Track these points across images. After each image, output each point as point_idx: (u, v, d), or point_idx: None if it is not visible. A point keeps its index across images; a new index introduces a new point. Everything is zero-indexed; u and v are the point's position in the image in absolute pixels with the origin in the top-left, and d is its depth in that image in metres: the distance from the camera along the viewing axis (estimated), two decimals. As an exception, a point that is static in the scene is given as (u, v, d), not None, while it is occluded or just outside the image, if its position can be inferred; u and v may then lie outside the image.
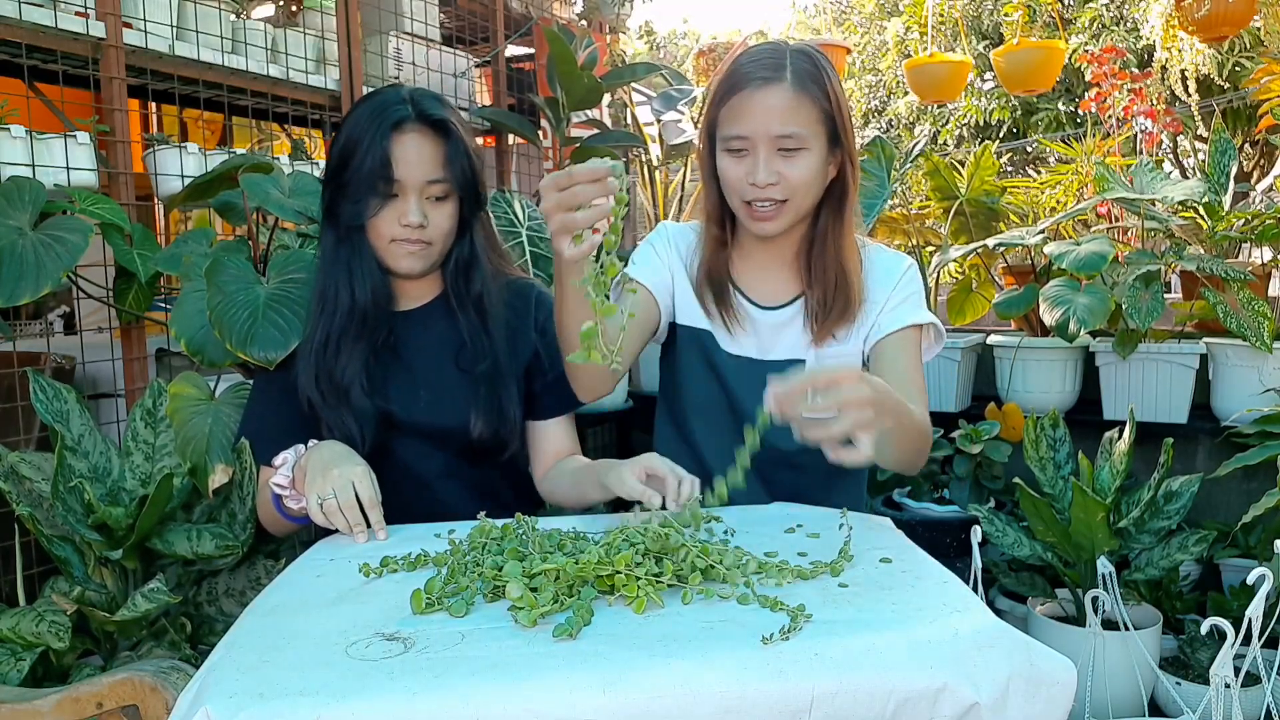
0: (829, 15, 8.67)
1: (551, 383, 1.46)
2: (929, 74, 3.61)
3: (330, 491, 1.14)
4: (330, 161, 1.34)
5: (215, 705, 0.70)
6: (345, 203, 1.31)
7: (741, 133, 1.30)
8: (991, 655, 0.80)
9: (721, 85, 1.34)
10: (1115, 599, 1.80)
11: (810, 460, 1.32)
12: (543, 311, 1.47)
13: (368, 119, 1.31)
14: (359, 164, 1.29)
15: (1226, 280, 2.35)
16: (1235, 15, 2.97)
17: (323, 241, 1.38)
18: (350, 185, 1.30)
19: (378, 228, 1.33)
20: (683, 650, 0.78)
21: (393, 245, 1.34)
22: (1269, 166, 4.95)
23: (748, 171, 1.31)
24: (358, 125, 1.31)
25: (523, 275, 1.55)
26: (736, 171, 1.32)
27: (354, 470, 1.16)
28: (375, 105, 1.33)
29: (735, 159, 1.32)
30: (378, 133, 1.29)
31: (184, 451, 1.47)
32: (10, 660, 1.35)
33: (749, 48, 1.39)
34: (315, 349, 1.36)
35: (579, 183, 0.96)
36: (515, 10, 3.42)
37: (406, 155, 1.30)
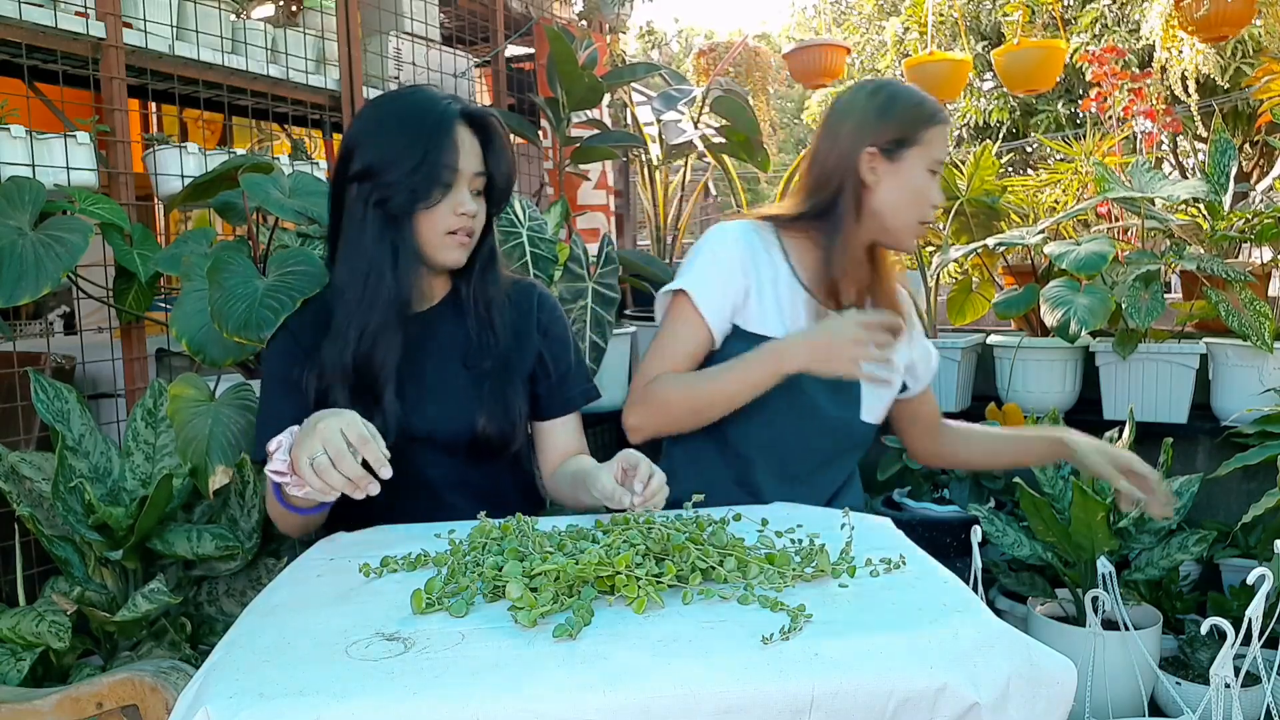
0: (828, 15, 8.67)
1: (556, 383, 1.45)
2: (928, 73, 3.61)
3: (319, 448, 1.04)
4: (369, 154, 1.30)
5: (215, 705, 0.70)
6: (399, 193, 1.28)
7: (942, 158, 1.46)
8: (991, 655, 0.80)
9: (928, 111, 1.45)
10: (1115, 599, 1.80)
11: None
12: (545, 312, 1.46)
13: (421, 111, 1.30)
14: (421, 154, 1.27)
15: (1227, 280, 2.36)
16: (1235, 15, 2.97)
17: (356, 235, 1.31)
18: (409, 175, 1.27)
19: (434, 218, 1.31)
20: (683, 650, 0.78)
21: (447, 237, 1.32)
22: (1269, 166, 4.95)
23: (934, 193, 1.46)
24: (410, 117, 1.29)
25: (522, 276, 1.54)
26: (931, 189, 1.45)
27: (339, 419, 1.07)
28: (421, 100, 1.32)
29: (930, 179, 1.45)
30: (439, 123, 1.29)
31: (185, 452, 1.47)
32: (10, 660, 1.35)
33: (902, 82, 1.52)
34: (352, 338, 1.30)
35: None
36: (515, 10, 3.42)
37: (463, 146, 1.30)
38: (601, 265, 2.56)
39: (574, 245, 2.48)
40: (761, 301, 1.46)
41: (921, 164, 1.44)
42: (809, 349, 1.33)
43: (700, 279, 1.45)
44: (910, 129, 1.44)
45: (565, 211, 2.58)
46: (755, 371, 1.37)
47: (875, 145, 1.44)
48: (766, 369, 1.37)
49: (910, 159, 1.44)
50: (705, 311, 1.44)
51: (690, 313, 1.45)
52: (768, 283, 1.47)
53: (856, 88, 1.51)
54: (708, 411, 1.43)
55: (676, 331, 1.47)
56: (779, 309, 1.47)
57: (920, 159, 1.44)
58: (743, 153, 3.21)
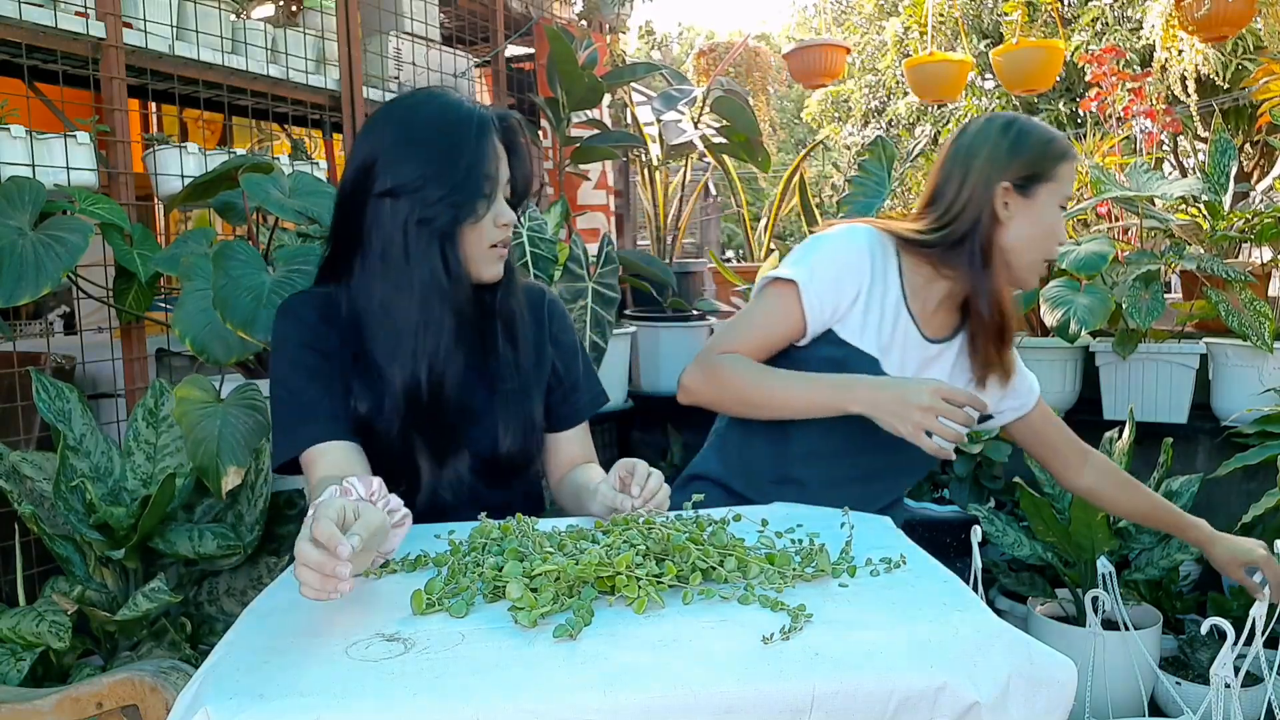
0: (829, 15, 8.67)
1: (566, 394, 1.41)
2: (929, 73, 3.61)
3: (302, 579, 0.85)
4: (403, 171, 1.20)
5: (215, 705, 0.70)
6: (444, 210, 1.21)
7: (1071, 194, 1.45)
8: (991, 654, 0.80)
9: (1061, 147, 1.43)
10: (1115, 599, 1.80)
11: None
12: (556, 321, 1.42)
13: (456, 121, 1.22)
14: (465, 168, 1.21)
15: (1227, 280, 2.36)
16: (1235, 15, 2.97)
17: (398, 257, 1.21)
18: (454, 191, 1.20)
19: (479, 232, 1.24)
20: (683, 650, 0.78)
21: (490, 250, 1.26)
22: (1269, 166, 4.95)
23: (1061, 230, 1.44)
24: (446, 128, 1.22)
25: (525, 278, 1.48)
26: (1061, 227, 1.44)
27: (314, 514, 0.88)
28: (450, 108, 1.24)
29: (1060, 217, 1.44)
30: (479, 134, 1.22)
31: (195, 454, 1.45)
32: (10, 660, 1.35)
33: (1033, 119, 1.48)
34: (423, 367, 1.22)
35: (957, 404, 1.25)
36: (515, 10, 3.42)
37: (499, 155, 1.26)
38: (601, 265, 2.56)
39: (574, 245, 2.48)
40: (866, 315, 1.43)
41: (1054, 200, 1.42)
42: (876, 400, 1.30)
43: (815, 275, 1.41)
44: (1043, 165, 1.42)
45: (565, 211, 2.58)
46: (820, 397, 1.35)
47: (1009, 181, 1.41)
48: (831, 401, 1.34)
49: (1043, 195, 1.42)
50: (809, 308, 1.40)
51: (792, 304, 1.41)
52: (877, 298, 1.44)
53: (987, 121, 1.48)
54: (757, 410, 1.42)
55: (770, 317, 1.43)
56: (879, 328, 1.44)
57: (1053, 195, 1.42)
58: (743, 153, 3.21)
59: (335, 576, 0.81)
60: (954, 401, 1.27)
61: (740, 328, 1.45)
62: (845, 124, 8.93)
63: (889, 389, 1.30)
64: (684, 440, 3.36)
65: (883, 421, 1.30)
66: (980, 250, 1.42)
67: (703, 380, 1.44)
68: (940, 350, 1.49)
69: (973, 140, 1.46)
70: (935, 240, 1.44)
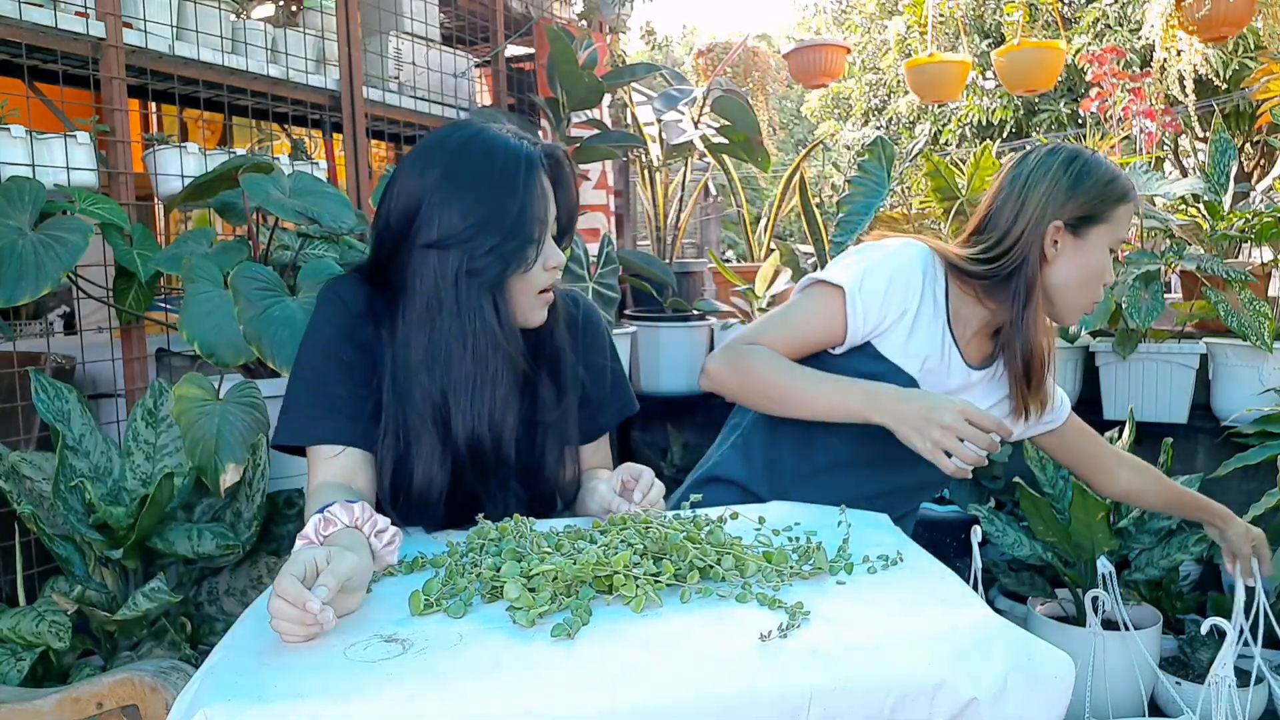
0: (829, 15, 8.68)
1: (593, 411, 1.35)
2: (929, 74, 3.61)
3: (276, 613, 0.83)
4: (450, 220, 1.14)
5: (214, 708, 0.70)
6: (493, 262, 1.14)
7: (1125, 236, 1.43)
8: (989, 651, 0.80)
9: (1120, 188, 1.41)
10: (1115, 599, 1.80)
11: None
12: (588, 337, 1.34)
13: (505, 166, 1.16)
14: (514, 217, 1.15)
15: (1227, 280, 2.36)
16: (1235, 15, 2.97)
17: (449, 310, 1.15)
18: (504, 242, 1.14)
19: (529, 280, 1.18)
20: (681, 649, 0.78)
21: (539, 297, 1.20)
22: (1269, 166, 4.95)
23: (1109, 272, 1.42)
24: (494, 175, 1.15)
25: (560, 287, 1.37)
26: (1109, 271, 1.42)
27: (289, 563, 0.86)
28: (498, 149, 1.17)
29: (1109, 260, 1.42)
30: (529, 179, 1.16)
31: (192, 452, 1.45)
32: (10, 660, 1.35)
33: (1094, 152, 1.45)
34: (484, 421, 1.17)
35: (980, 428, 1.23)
36: (515, 10, 3.42)
37: (547, 195, 1.19)
38: (601, 265, 2.56)
39: (574, 245, 2.48)
40: (911, 335, 1.41)
41: (1105, 242, 1.40)
42: (900, 412, 1.28)
43: (865, 286, 1.38)
44: (1100, 206, 1.39)
45: (565, 211, 2.58)
46: (845, 402, 1.33)
47: (1062, 219, 1.39)
48: (856, 407, 1.32)
49: (1095, 237, 1.40)
50: (852, 317, 1.38)
51: (835, 310, 1.38)
52: (925, 319, 1.42)
53: (1050, 153, 1.44)
54: (779, 406, 1.39)
55: (811, 318, 1.40)
56: (923, 349, 1.42)
57: (1105, 237, 1.40)
58: (743, 153, 3.21)
59: (316, 624, 0.80)
60: (979, 425, 1.24)
61: (776, 324, 1.42)
62: (845, 123, 8.93)
63: (914, 402, 1.28)
64: (684, 440, 3.36)
65: (902, 435, 1.27)
66: (1025, 288, 1.40)
67: (728, 369, 1.40)
68: (981, 377, 1.48)
69: (1033, 172, 1.42)
70: (984, 273, 1.41)
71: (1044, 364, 1.45)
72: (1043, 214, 1.39)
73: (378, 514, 0.99)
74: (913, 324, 1.40)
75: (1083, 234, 1.39)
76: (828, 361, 1.43)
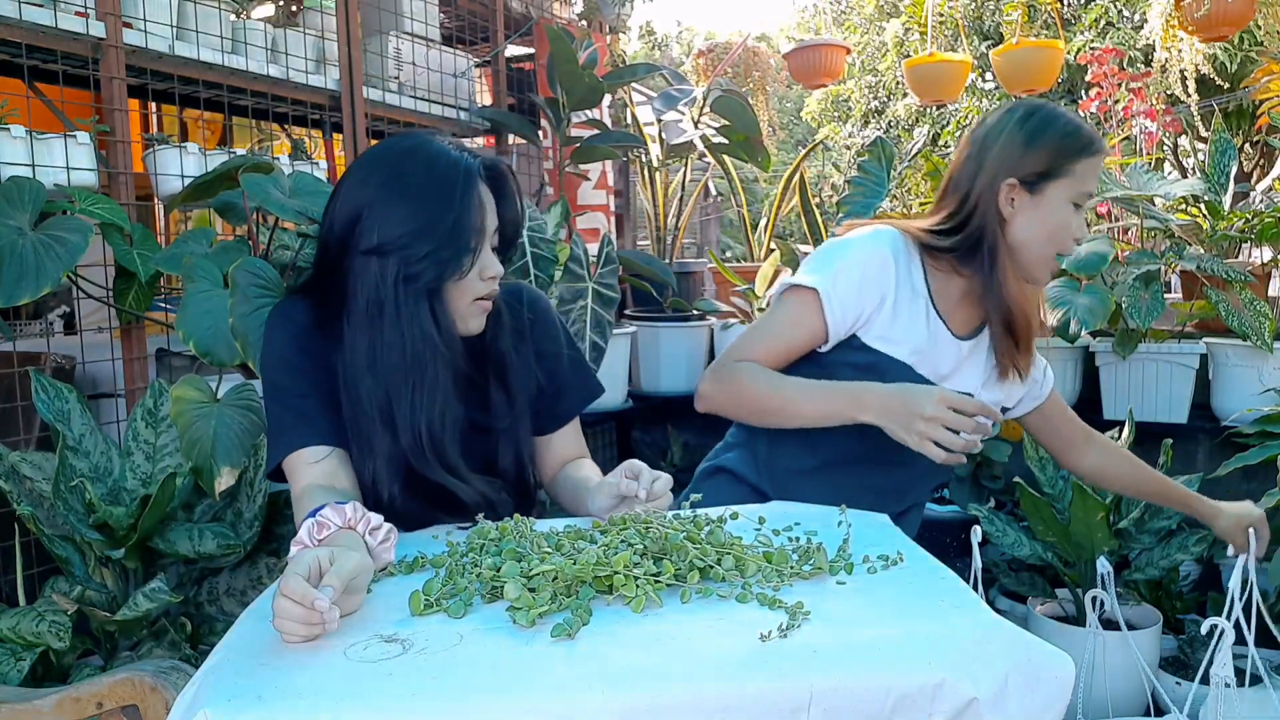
0: (828, 15, 8.67)
1: (553, 398, 1.38)
2: (928, 74, 3.61)
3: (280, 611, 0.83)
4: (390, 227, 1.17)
5: (214, 708, 0.70)
6: (429, 268, 1.17)
7: (1091, 190, 1.40)
8: (989, 650, 0.80)
9: (1081, 141, 1.37)
10: (1111, 598, 1.80)
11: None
12: (539, 329, 1.37)
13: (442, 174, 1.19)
14: (451, 224, 1.17)
15: (1227, 280, 2.36)
16: (1235, 15, 2.96)
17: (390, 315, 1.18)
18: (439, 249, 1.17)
19: (463, 288, 1.21)
20: (681, 649, 0.78)
21: (475, 305, 1.23)
22: (1269, 166, 4.95)
23: (1076, 227, 1.39)
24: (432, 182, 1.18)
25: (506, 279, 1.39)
26: (1073, 223, 1.38)
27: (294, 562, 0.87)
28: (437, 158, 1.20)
29: (1074, 212, 1.38)
30: (466, 187, 1.19)
31: (189, 453, 1.45)
32: (10, 660, 1.35)
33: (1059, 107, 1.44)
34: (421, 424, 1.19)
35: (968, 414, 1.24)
36: (515, 10, 3.42)
37: (485, 205, 1.22)
38: (601, 265, 2.56)
39: (574, 245, 2.48)
40: (894, 320, 1.41)
41: (1064, 198, 1.37)
42: (884, 409, 1.29)
43: (838, 282, 1.38)
44: (1057, 160, 1.36)
45: (565, 211, 2.58)
46: (833, 406, 1.33)
47: (1016, 177, 1.37)
48: (843, 409, 1.32)
49: (1053, 192, 1.37)
50: (830, 316, 1.38)
51: (813, 312, 1.38)
52: (905, 302, 1.41)
53: (1009, 110, 1.42)
54: (772, 418, 1.40)
55: (790, 325, 1.41)
56: (910, 331, 1.41)
57: (1064, 193, 1.37)
58: (743, 153, 3.21)
59: (320, 624, 0.81)
60: (963, 411, 1.24)
61: (758, 335, 1.43)
62: (845, 124, 8.93)
63: (897, 397, 1.28)
64: (684, 440, 3.36)
65: (890, 431, 1.28)
66: (989, 251, 1.39)
67: (719, 389, 1.42)
68: (971, 347, 1.47)
69: (989, 131, 1.41)
70: (950, 244, 1.41)
71: (1029, 323, 1.43)
72: (996, 173, 1.38)
73: (370, 513, 1.00)
74: (894, 310, 1.40)
75: (1039, 190, 1.37)
76: (819, 359, 1.43)
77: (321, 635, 0.82)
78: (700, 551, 0.95)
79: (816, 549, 0.99)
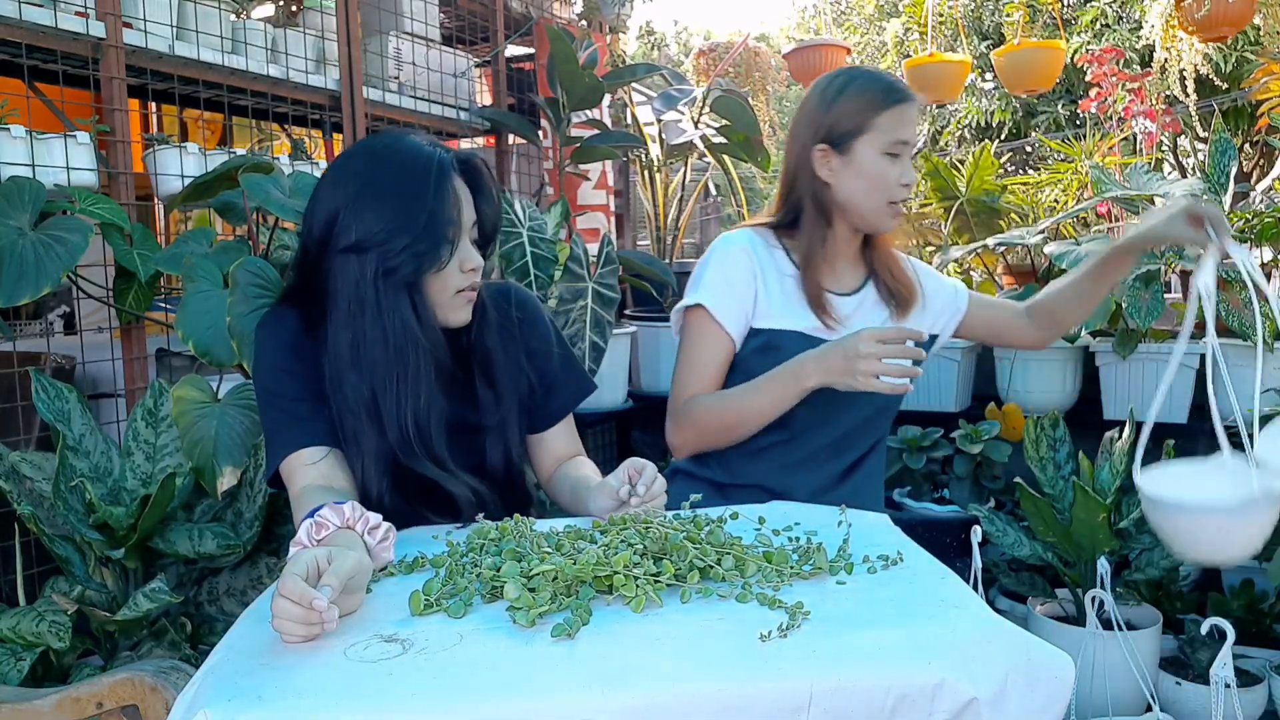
0: (828, 15, 8.67)
1: (545, 395, 1.40)
2: (928, 74, 3.61)
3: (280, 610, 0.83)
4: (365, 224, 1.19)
5: (213, 708, 0.70)
6: (407, 261, 1.19)
7: (905, 138, 1.45)
8: (989, 650, 0.80)
9: (879, 95, 1.44)
10: (1109, 598, 1.80)
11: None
12: (528, 328, 1.39)
13: (414, 169, 1.21)
14: (425, 216, 1.19)
15: (1228, 280, 2.36)
16: (1235, 15, 2.96)
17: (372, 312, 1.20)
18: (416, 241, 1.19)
19: (444, 280, 1.23)
20: (681, 649, 0.78)
21: (456, 296, 1.25)
22: (1269, 166, 4.95)
23: (900, 174, 1.45)
24: (405, 177, 1.20)
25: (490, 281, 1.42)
26: (892, 172, 1.45)
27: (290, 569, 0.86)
28: (409, 154, 1.22)
29: (890, 161, 1.44)
30: (439, 181, 1.21)
31: (191, 453, 1.46)
32: (10, 660, 1.35)
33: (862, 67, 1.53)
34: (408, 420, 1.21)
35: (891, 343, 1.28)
36: (515, 10, 3.42)
37: (460, 199, 1.24)
38: (601, 265, 2.56)
39: (574, 245, 2.48)
40: (770, 300, 1.49)
41: (874, 150, 1.44)
42: (824, 368, 1.35)
43: (714, 290, 1.48)
44: (857, 118, 1.44)
45: (565, 211, 2.58)
46: (778, 391, 1.40)
47: (824, 141, 1.46)
48: (789, 389, 1.39)
49: (861, 148, 1.44)
50: (724, 321, 1.47)
51: (710, 325, 1.48)
52: (774, 281, 1.50)
53: (814, 83, 1.52)
54: (739, 429, 1.46)
55: (701, 345, 1.50)
56: (790, 305, 1.49)
57: (872, 146, 1.44)
58: (743, 153, 3.21)
59: (319, 624, 0.81)
60: (890, 340, 1.30)
61: (686, 369, 1.51)
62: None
63: (830, 354, 1.35)
64: (684, 440, 3.35)
65: (838, 384, 1.34)
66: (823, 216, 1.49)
67: (683, 434, 1.51)
68: (859, 300, 1.55)
69: (800, 106, 1.51)
70: (792, 220, 1.51)
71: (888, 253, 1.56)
72: (807, 143, 1.47)
73: (368, 512, 1.00)
74: (767, 291, 1.49)
75: (847, 149, 1.45)
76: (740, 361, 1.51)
77: (321, 635, 0.82)
78: (700, 551, 0.95)
79: (816, 549, 0.99)
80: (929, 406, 2.82)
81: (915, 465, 2.69)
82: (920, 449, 2.70)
